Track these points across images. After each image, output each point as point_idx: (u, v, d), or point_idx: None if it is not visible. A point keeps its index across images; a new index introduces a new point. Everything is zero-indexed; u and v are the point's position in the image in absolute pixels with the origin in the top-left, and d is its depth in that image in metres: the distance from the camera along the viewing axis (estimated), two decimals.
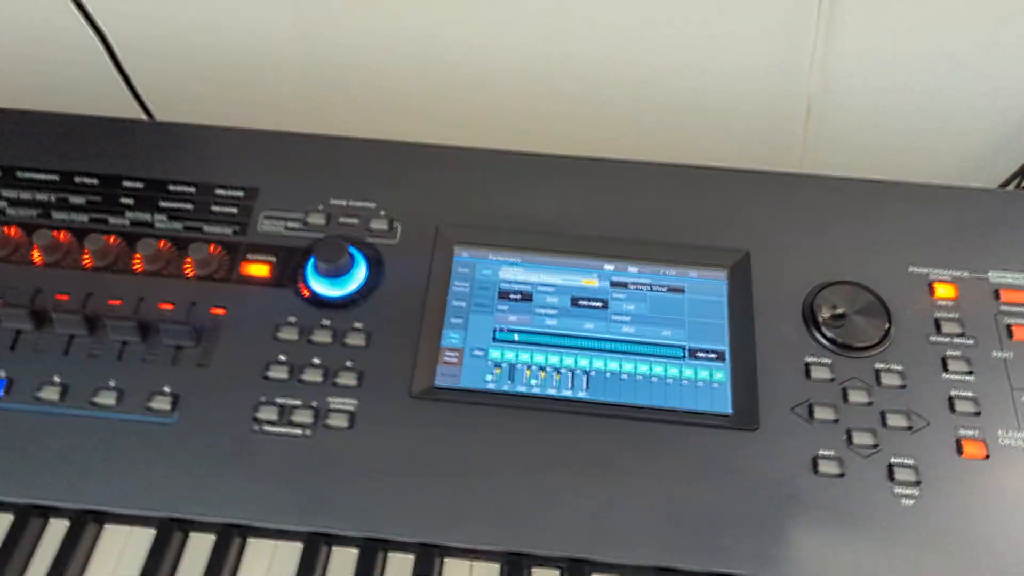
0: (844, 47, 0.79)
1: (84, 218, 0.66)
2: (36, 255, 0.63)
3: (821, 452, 0.57)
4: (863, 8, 0.76)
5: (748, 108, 0.85)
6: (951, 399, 0.58)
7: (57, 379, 0.59)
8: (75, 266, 0.63)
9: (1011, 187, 0.82)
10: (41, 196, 0.66)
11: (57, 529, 0.57)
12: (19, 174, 0.67)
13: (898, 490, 0.55)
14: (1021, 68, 0.78)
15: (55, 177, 0.67)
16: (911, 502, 0.55)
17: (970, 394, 0.58)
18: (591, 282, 0.64)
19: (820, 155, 0.86)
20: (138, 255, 0.63)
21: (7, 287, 0.62)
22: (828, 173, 0.69)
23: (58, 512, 0.57)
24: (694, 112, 0.85)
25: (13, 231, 0.64)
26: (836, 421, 0.58)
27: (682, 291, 0.64)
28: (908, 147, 0.85)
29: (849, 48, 0.79)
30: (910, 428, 0.57)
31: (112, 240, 0.64)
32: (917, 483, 0.56)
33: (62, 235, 0.64)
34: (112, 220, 0.66)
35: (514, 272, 0.65)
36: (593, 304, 0.63)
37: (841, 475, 0.56)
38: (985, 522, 0.55)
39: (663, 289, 0.64)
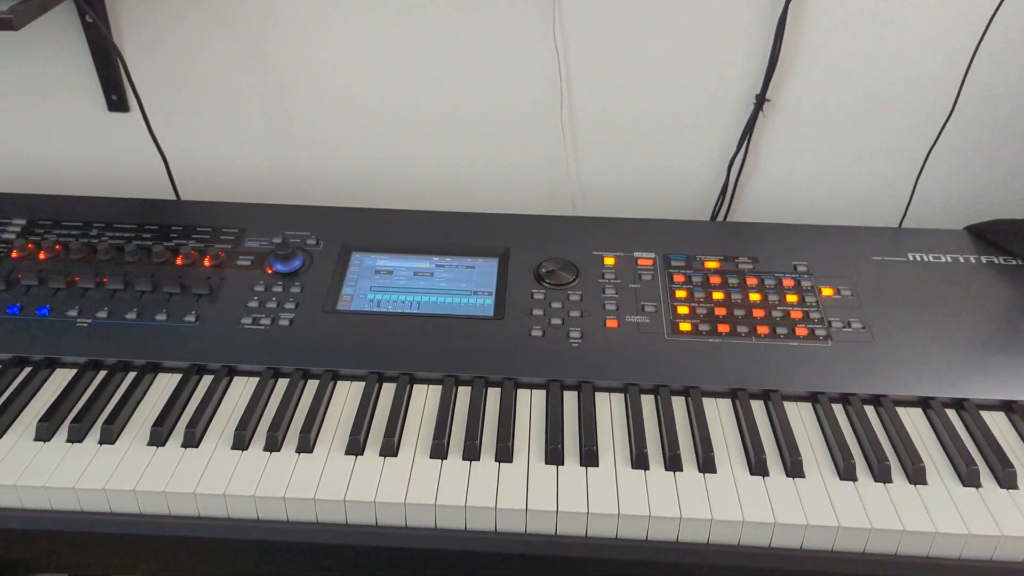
0: (586, 166, 1.41)
1: (150, 241, 1.21)
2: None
3: (534, 327, 1.10)
4: (591, 143, 1.39)
5: (543, 203, 1.45)
6: (604, 304, 1.13)
7: (135, 308, 1.11)
8: (148, 262, 1.18)
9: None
10: (125, 235, 1.22)
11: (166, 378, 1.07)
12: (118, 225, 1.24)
13: (571, 342, 1.08)
14: (701, 155, 1.40)
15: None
16: (576, 345, 1.08)
17: (614, 302, 1.13)
18: (424, 266, 1.20)
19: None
20: (180, 256, 1.18)
21: (99, 272, 1.16)
22: (559, 214, 1.28)
23: (166, 369, 1.07)
24: (512, 202, 1.45)
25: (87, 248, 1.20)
26: (544, 314, 1.12)
27: (473, 268, 1.20)
28: (638, 208, 1.45)
29: (588, 166, 1.41)
30: (581, 316, 1.11)
31: (163, 251, 1.19)
32: (581, 337, 1.09)
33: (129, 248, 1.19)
34: (166, 243, 1.21)
35: (383, 262, 1.20)
36: (425, 275, 1.19)
37: (543, 335, 1.09)
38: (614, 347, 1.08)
39: (463, 267, 1.20)
